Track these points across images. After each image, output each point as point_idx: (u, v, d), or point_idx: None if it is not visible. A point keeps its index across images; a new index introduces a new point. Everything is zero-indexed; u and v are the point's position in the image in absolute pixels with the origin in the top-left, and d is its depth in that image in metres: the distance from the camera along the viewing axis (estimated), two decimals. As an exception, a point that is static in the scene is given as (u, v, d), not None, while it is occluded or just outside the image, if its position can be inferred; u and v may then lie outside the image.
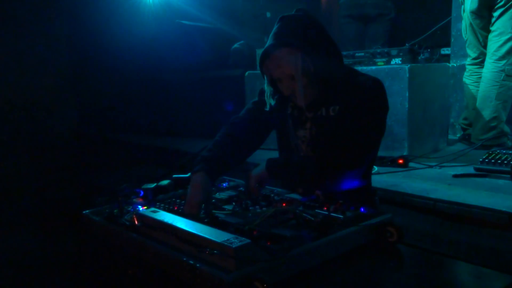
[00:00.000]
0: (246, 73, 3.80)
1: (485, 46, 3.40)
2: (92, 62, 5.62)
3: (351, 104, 1.62)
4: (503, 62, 3.22)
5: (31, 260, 1.54)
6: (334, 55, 1.64)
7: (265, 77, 1.68)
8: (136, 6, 5.23)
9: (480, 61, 3.49)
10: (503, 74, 3.23)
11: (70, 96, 5.51)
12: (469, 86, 3.58)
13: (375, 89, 1.64)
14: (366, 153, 1.66)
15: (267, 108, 1.73)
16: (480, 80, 3.40)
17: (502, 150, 2.63)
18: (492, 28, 3.28)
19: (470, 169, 2.59)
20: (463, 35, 3.57)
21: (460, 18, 3.67)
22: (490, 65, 3.30)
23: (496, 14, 3.23)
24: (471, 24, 3.42)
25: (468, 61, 3.60)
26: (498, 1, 3.19)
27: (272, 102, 1.71)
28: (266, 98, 1.71)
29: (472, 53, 3.55)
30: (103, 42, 5.35)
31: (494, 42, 3.27)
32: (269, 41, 1.60)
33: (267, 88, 1.70)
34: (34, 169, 3.86)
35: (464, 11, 3.46)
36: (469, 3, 3.34)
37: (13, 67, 4.89)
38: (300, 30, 1.58)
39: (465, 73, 3.63)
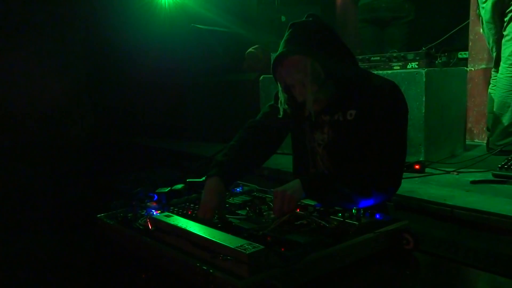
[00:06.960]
0: (261, 77, 3.79)
1: (499, 52, 3.34)
2: (108, 66, 5.69)
3: (368, 108, 1.60)
4: None
5: (46, 262, 1.56)
6: (347, 59, 1.63)
7: (279, 84, 1.66)
8: (152, 11, 5.29)
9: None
10: None
11: (86, 99, 5.58)
12: (489, 90, 3.52)
13: (392, 93, 1.61)
14: (388, 162, 1.59)
15: (280, 115, 1.70)
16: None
17: (522, 156, 2.58)
18: (504, 33, 3.23)
19: (489, 175, 2.54)
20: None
21: (477, 22, 3.62)
22: (505, 70, 3.23)
23: (506, 18, 3.18)
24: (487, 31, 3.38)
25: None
26: (509, 6, 3.14)
27: (287, 109, 1.68)
28: (280, 105, 1.69)
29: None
30: (119, 46, 5.41)
31: (507, 46, 3.21)
32: (280, 48, 1.60)
33: (281, 95, 1.67)
34: (50, 172, 3.91)
35: (482, 22, 3.43)
36: (483, 13, 3.31)
37: (30, 71, 4.97)
38: (310, 36, 1.58)
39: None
